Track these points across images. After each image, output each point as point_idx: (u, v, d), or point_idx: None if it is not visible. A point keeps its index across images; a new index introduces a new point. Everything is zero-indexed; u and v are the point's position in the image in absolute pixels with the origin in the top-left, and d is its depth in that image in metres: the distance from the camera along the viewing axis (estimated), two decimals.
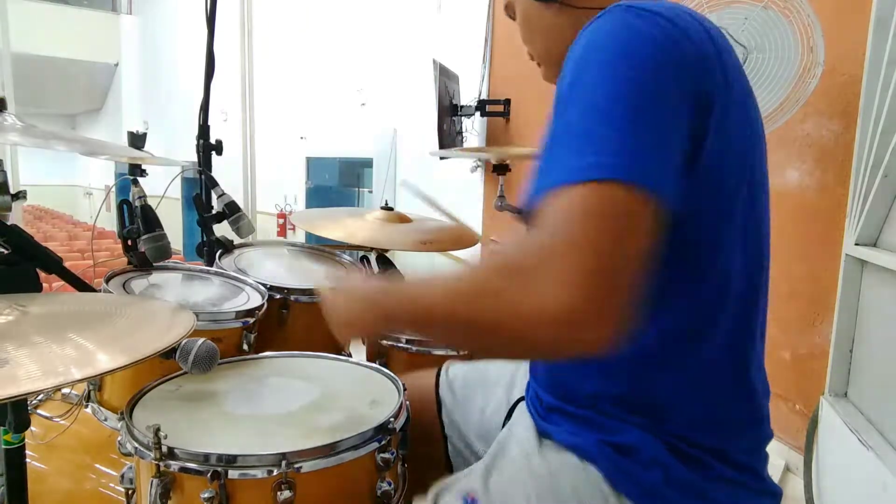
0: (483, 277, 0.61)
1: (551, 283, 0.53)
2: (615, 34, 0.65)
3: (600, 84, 0.62)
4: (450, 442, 1.06)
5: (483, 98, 3.98)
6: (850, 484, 1.54)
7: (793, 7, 1.67)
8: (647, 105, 0.61)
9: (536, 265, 0.55)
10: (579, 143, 0.60)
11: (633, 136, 0.59)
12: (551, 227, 0.56)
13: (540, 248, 0.56)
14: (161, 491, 0.81)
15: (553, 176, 0.59)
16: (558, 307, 0.52)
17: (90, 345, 0.79)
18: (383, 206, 1.75)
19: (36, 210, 14.02)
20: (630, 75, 0.62)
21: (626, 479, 0.75)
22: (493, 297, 0.57)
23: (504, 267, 0.58)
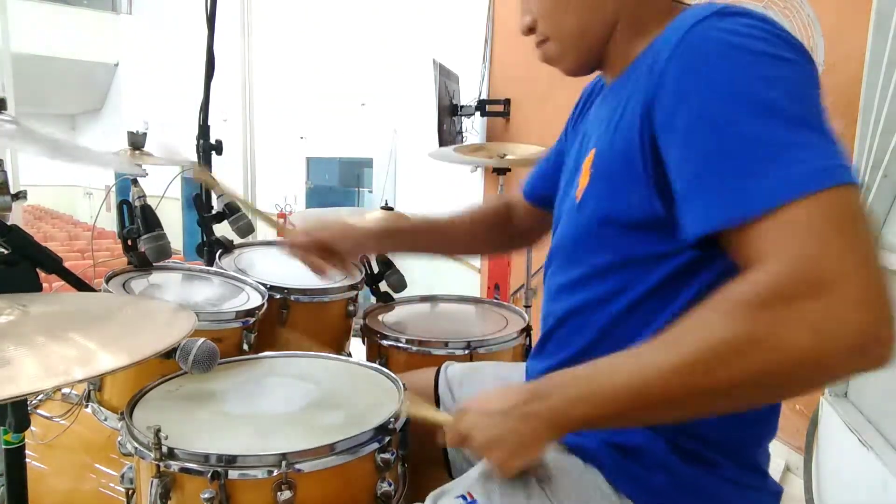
0: (740, 326, 0.53)
1: (851, 306, 0.50)
2: (754, 37, 0.63)
3: (769, 89, 0.59)
4: None
5: (483, 98, 3.98)
6: (850, 484, 1.54)
7: (793, 7, 1.68)
8: (818, 102, 0.60)
9: (809, 290, 0.51)
10: (787, 151, 0.56)
11: (832, 139, 0.58)
12: (803, 245, 0.53)
13: (803, 273, 0.52)
14: (161, 491, 0.81)
15: (768, 190, 0.55)
16: (865, 328, 0.50)
17: (91, 344, 0.79)
18: (383, 206, 1.75)
19: (36, 210, 14.01)
20: (796, 76, 0.61)
21: (629, 481, 0.75)
22: (769, 345, 0.52)
23: (765, 303, 0.52)
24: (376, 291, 1.69)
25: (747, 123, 0.58)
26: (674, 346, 0.58)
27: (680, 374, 0.56)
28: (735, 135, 0.59)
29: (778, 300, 0.52)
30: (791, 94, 0.59)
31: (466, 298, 1.75)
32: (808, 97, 0.60)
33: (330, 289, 1.47)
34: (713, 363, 0.55)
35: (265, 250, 1.70)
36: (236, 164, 4.61)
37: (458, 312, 1.68)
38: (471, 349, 1.35)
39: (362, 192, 7.65)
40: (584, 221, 0.79)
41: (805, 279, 0.52)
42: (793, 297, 0.52)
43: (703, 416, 0.64)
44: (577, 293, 0.81)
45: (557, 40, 0.82)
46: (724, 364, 0.54)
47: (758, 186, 0.56)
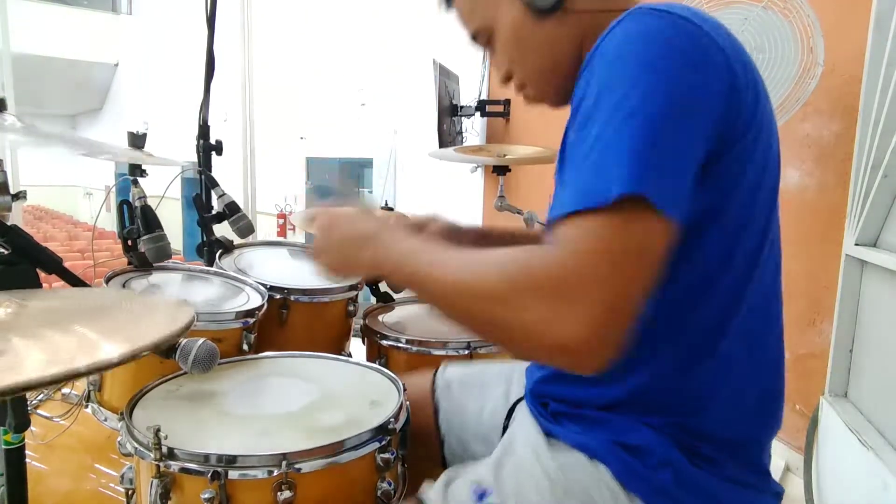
0: (503, 285, 0.60)
1: (571, 318, 0.56)
2: (640, 40, 0.64)
3: (627, 97, 0.61)
4: (446, 445, 1.05)
5: (483, 98, 3.98)
6: (850, 484, 1.54)
7: (793, 7, 1.67)
8: (672, 119, 0.61)
9: (559, 293, 0.57)
10: (605, 160, 0.59)
11: (660, 157, 0.59)
12: (577, 257, 0.58)
13: (564, 278, 0.57)
14: (161, 491, 0.81)
15: (577, 195, 0.60)
16: (573, 339, 0.56)
17: (92, 335, 0.79)
18: (383, 207, 1.75)
19: (36, 210, 14.02)
20: (658, 87, 0.61)
21: (636, 479, 0.75)
22: (509, 309, 0.59)
23: (526, 282, 0.59)
24: (376, 291, 1.69)
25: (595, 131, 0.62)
26: (456, 264, 0.65)
27: (449, 290, 0.65)
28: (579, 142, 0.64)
29: (526, 285, 0.59)
30: (637, 105, 0.60)
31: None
32: (656, 113, 0.60)
33: (330, 289, 1.47)
34: (465, 296, 0.63)
35: (265, 250, 1.70)
36: (236, 164, 4.61)
37: None
38: (471, 349, 1.35)
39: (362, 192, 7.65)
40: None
41: (546, 278, 0.58)
42: (534, 290, 0.58)
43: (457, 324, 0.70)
44: None
45: (532, 83, 0.87)
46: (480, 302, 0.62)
47: (573, 188, 0.62)
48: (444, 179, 4.63)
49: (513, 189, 3.40)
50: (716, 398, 0.75)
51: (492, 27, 0.85)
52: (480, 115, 4.00)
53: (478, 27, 0.87)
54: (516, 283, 0.59)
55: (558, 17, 0.79)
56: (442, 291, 0.66)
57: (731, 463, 0.76)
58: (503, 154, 2.27)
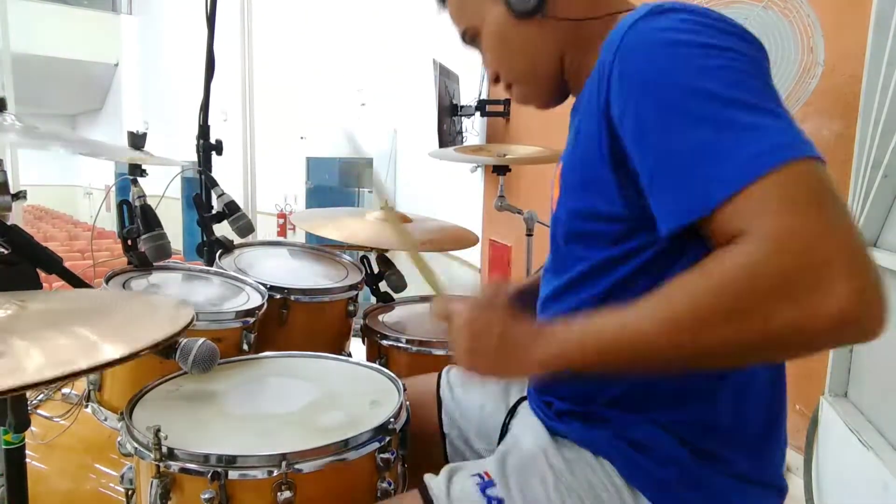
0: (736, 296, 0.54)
1: (838, 276, 0.50)
2: (694, 28, 0.64)
3: (706, 79, 0.60)
4: (449, 441, 1.06)
5: (483, 98, 3.98)
6: (850, 484, 1.54)
7: (793, 7, 1.67)
8: (761, 84, 0.61)
9: (812, 262, 0.51)
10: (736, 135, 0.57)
11: (783, 118, 0.59)
12: (792, 215, 0.53)
13: (803, 241, 0.52)
14: (161, 491, 0.81)
15: (725, 175, 0.56)
16: (855, 297, 0.50)
17: (92, 336, 0.79)
18: (383, 207, 1.75)
19: (36, 210, 14.01)
20: (735, 63, 0.61)
21: (640, 474, 0.76)
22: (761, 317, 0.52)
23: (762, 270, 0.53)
24: (376, 291, 1.69)
25: (690, 115, 0.60)
26: (665, 305, 0.59)
27: (667, 330, 0.58)
28: (681, 128, 0.60)
29: (761, 274, 0.53)
30: (729, 81, 0.60)
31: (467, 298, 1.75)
32: (749, 81, 0.61)
33: (330, 289, 1.48)
34: (699, 326, 0.56)
35: (265, 250, 1.70)
36: (236, 164, 4.61)
37: None
38: None
39: (362, 192, 7.65)
40: (560, 231, 0.82)
41: (787, 250, 0.52)
42: (777, 269, 0.52)
43: (686, 371, 0.66)
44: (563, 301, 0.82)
45: (517, 83, 0.88)
46: (711, 328, 0.55)
47: (714, 174, 0.57)
48: (444, 179, 4.63)
49: (513, 189, 3.40)
50: (719, 393, 0.75)
51: (478, 26, 0.87)
52: (480, 115, 4.01)
53: (465, 26, 0.89)
54: (739, 287, 0.54)
55: (539, 22, 0.81)
56: (660, 339, 0.58)
57: (737, 459, 0.76)
58: (503, 154, 2.27)
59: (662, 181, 0.62)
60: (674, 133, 0.61)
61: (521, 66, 0.86)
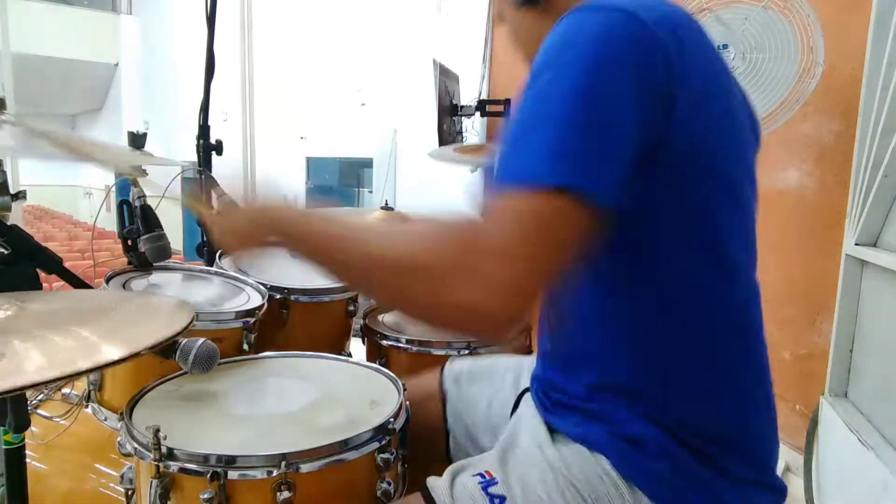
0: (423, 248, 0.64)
1: (484, 289, 0.59)
2: (568, 34, 0.66)
3: (552, 84, 0.64)
4: (452, 436, 1.06)
5: (483, 98, 3.98)
6: (850, 484, 1.54)
7: (793, 7, 1.67)
8: (594, 108, 0.62)
9: (473, 265, 0.60)
10: (530, 144, 0.63)
11: (581, 142, 0.61)
12: (497, 232, 0.61)
13: (482, 250, 0.60)
14: (160, 492, 0.81)
15: (506, 174, 0.63)
16: (483, 309, 0.59)
17: (92, 337, 0.79)
18: (383, 206, 1.75)
19: (36, 210, 14.01)
20: (579, 76, 0.62)
21: (635, 469, 0.76)
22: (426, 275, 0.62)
23: (445, 250, 0.62)
24: None
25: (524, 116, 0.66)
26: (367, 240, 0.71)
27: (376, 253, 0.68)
28: (515, 124, 0.66)
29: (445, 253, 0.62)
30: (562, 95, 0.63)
31: None
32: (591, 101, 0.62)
33: (330, 289, 1.47)
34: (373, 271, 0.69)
35: None
36: (236, 164, 4.61)
37: None
38: (471, 349, 1.35)
39: (362, 192, 7.65)
40: None
41: (464, 249, 0.61)
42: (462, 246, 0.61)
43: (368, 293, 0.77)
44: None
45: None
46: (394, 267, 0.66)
47: (503, 168, 0.64)
48: (444, 179, 4.63)
49: None
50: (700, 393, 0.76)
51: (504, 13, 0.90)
52: (480, 115, 4.00)
53: (496, 11, 0.93)
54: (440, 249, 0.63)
55: (537, 11, 0.83)
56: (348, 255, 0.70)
57: (725, 458, 0.77)
58: None
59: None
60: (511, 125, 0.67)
61: (526, 52, 0.89)
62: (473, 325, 0.63)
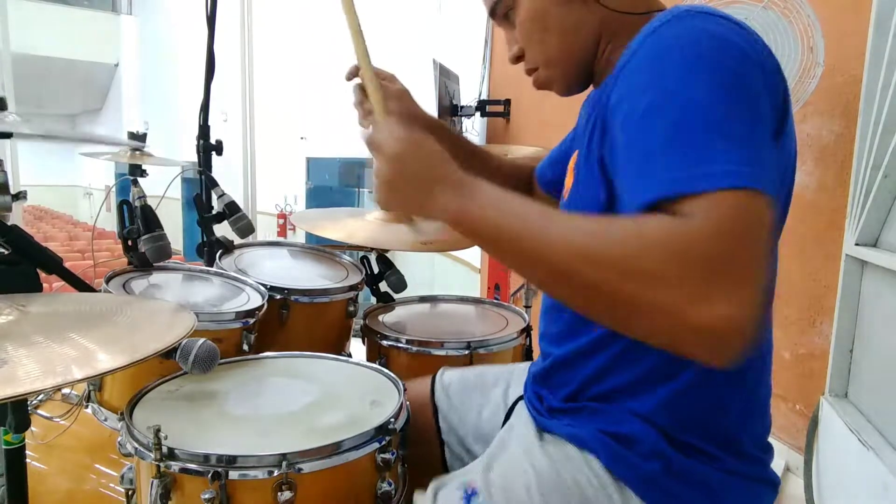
0: (643, 254, 0.55)
1: (724, 297, 0.52)
2: (701, 40, 0.64)
3: (701, 89, 0.61)
4: (447, 447, 1.06)
5: (483, 98, 3.98)
6: (850, 484, 1.54)
7: (793, 7, 1.68)
8: (751, 109, 0.61)
9: (710, 270, 0.53)
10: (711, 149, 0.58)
11: (761, 148, 0.60)
12: (726, 233, 0.54)
13: (715, 254, 0.53)
14: (161, 491, 0.81)
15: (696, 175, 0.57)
16: (722, 320, 0.52)
17: (90, 344, 0.79)
18: None
19: (36, 210, 14.02)
20: (728, 80, 0.62)
21: (625, 468, 0.76)
22: (648, 282, 0.54)
23: (671, 255, 0.54)
24: (376, 291, 1.69)
25: (673, 121, 0.60)
26: (581, 228, 0.60)
27: (568, 253, 0.59)
28: (662, 131, 0.61)
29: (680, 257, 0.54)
30: (717, 99, 0.60)
31: (466, 299, 1.75)
32: (736, 103, 0.61)
33: (330, 289, 1.48)
34: (592, 264, 0.57)
35: (265, 250, 1.70)
36: (236, 164, 4.61)
37: (458, 313, 1.68)
38: (471, 349, 1.35)
39: (362, 192, 7.65)
40: None
41: (715, 256, 0.54)
42: (697, 263, 0.53)
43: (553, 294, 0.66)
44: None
45: (545, 66, 0.85)
46: (598, 271, 0.57)
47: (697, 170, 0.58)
48: None
49: None
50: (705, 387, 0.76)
51: (516, 1, 0.84)
52: (480, 115, 4.01)
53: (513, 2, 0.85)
54: (661, 256, 0.54)
55: (586, 4, 0.79)
56: (553, 255, 0.59)
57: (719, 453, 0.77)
58: (503, 154, 2.27)
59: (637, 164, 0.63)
60: (655, 130, 0.62)
61: (558, 48, 0.83)
62: (709, 345, 0.54)
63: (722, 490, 0.77)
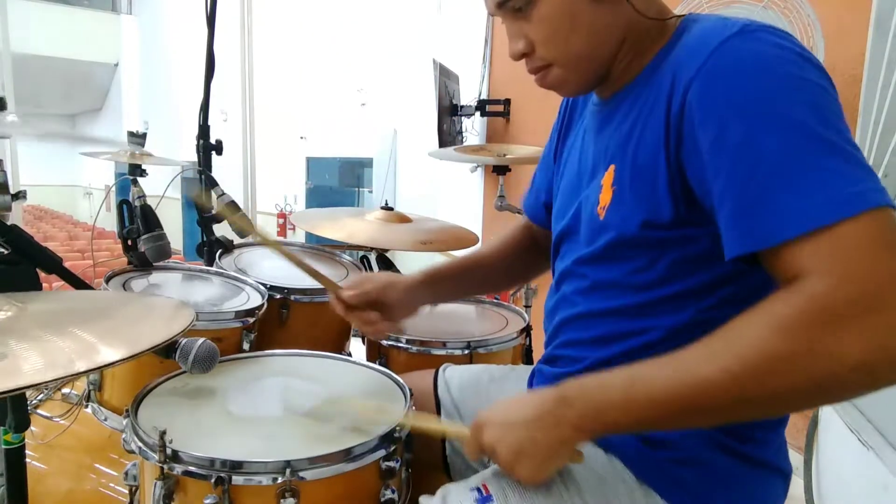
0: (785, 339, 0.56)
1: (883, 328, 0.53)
2: (785, 59, 0.64)
3: (799, 112, 0.61)
4: (448, 444, 1.05)
5: (483, 98, 3.98)
6: (850, 484, 1.54)
7: (793, 7, 1.68)
8: (843, 123, 0.62)
9: (877, 302, 0.54)
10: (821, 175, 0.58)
11: (861, 162, 0.60)
12: (866, 261, 0.55)
13: (871, 285, 0.54)
14: (164, 493, 0.80)
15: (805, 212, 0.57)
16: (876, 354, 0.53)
17: (91, 338, 0.79)
18: (383, 206, 1.75)
19: (36, 210, 14.01)
20: (824, 100, 0.62)
21: (656, 473, 0.75)
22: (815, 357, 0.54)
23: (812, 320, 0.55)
24: None
25: (779, 147, 0.60)
26: (721, 357, 0.59)
27: (726, 384, 0.58)
28: (767, 159, 0.60)
29: (831, 314, 0.55)
30: (820, 118, 0.60)
31: (466, 298, 1.75)
32: (835, 120, 0.61)
33: None
34: (764, 375, 0.56)
35: (265, 250, 1.70)
36: (236, 164, 4.61)
37: (458, 312, 1.68)
38: (471, 349, 1.35)
39: (362, 192, 7.65)
40: (613, 235, 0.79)
41: (858, 293, 0.54)
42: (846, 310, 0.54)
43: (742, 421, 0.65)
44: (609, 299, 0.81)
45: (562, 65, 0.81)
46: (776, 375, 0.56)
47: (790, 210, 0.58)
48: (444, 179, 4.63)
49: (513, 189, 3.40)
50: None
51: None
52: (480, 115, 4.01)
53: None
54: (808, 328, 0.55)
55: (618, 5, 0.76)
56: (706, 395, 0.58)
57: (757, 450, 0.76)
58: (503, 154, 2.27)
59: (734, 204, 0.62)
60: (757, 164, 0.61)
61: (580, 47, 0.78)
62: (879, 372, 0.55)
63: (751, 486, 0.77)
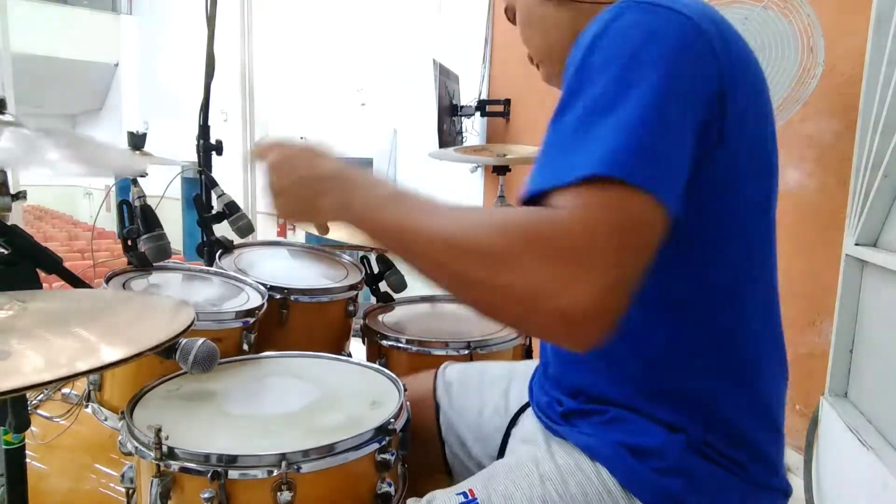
0: (503, 242, 0.57)
1: (580, 284, 0.54)
2: (625, 31, 0.64)
3: (625, 83, 0.61)
4: (447, 446, 1.05)
5: (483, 98, 3.99)
6: (850, 484, 1.54)
7: (793, 7, 1.68)
8: (660, 108, 0.60)
9: (569, 258, 0.54)
10: (606, 138, 0.58)
11: (659, 146, 0.59)
12: (588, 223, 0.56)
13: (575, 242, 0.55)
14: (161, 491, 0.81)
15: (566, 167, 0.58)
16: (578, 307, 0.54)
17: (92, 337, 0.79)
18: None
19: (36, 210, 14.00)
20: (642, 75, 0.61)
21: (642, 483, 0.74)
22: (507, 269, 0.55)
23: (531, 242, 0.56)
24: (376, 291, 1.69)
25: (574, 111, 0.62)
26: (449, 220, 0.61)
27: (436, 245, 0.60)
28: (563, 121, 0.63)
29: (548, 243, 0.55)
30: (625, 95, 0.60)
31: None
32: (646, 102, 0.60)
33: (330, 289, 1.48)
34: (462, 253, 0.58)
35: (265, 250, 1.70)
36: (236, 165, 4.61)
37: (459, 312, 1.68)
38: (471, 349, 1.35)
39: None
40: None
41: (583, 245, 0.55)
42: (554, 248, 0.55)
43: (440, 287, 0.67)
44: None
45: (540, 61, 0.88)
46: (461, 259, 0.58)
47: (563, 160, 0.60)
48: (444, 179, 4.63)
49: (513, 189, 3.40)
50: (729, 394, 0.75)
51: (514, 4, 0.87)
52: (480, 115, 4.01)
53: (507, 4, 0.89)
54: (519, 242, 0.56)
55: (557, 3, 0.81)
56: (424, 245, 0.61)
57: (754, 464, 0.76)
58: (503, 154, 2.27)
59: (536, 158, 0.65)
60: (556, 123, 0.64)
61: (540, 45, 0.86)
62: (564, 331, 0.56)
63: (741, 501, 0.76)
